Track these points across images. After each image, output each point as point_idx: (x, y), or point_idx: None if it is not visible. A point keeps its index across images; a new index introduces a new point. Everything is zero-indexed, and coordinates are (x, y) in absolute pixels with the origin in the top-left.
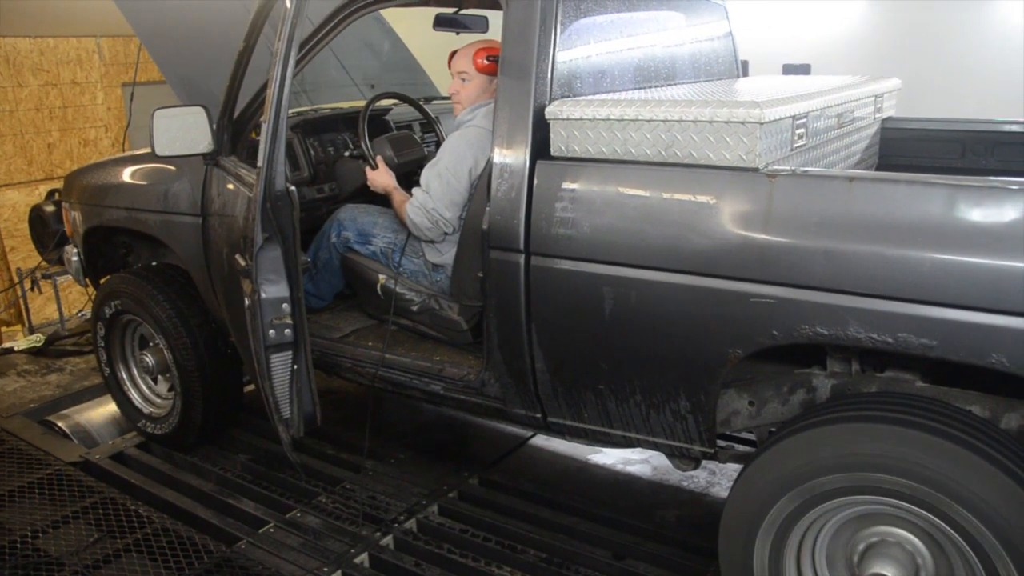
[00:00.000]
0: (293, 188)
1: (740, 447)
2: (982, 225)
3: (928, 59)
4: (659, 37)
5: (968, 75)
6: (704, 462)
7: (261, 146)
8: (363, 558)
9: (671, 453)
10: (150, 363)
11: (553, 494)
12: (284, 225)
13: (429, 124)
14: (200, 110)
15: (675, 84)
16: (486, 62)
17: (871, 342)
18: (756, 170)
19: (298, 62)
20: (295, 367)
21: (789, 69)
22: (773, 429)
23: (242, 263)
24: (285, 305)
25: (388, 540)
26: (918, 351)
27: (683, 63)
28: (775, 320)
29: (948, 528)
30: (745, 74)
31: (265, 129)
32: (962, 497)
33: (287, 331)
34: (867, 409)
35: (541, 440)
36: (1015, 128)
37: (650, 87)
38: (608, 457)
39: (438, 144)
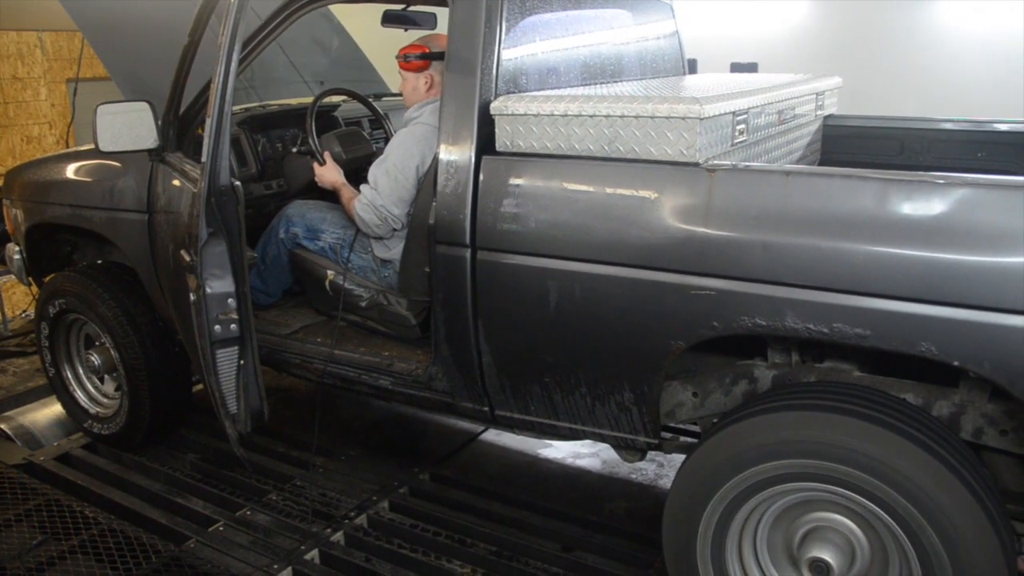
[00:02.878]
0: (238, 183)
1: (685, 438)
2: (912, 218)
3: (871, 58)
4: (605, 35)
5: (908, 74)
6: (652, 454)
7: (205, 141)
8: (313, 554)
9: (617, 444)
10: (96, 362)
11: (503, 488)
12: (229, 220)
13: (378, 120)
14: (145, 106)
15: (622, 81)
16: (402, 60)
17: (808, 332)
18: (696, 165)
19: (245, 57)
20: (242, 362)
21: (737, 67)
22: (716, 420)
23: (187, 259)
24: (231, 300)
25: (339, 536)
26: (852, 340)
27: (630, 60)
28: (716, 312)
29: (882, 513)
30: (693, 72)
31: (209, 124)
32: (895, 482)
33: (233, 326)
34: (805, 398)
35: (492, 435)
36: (950, 126)
37: (597, 84)
38: (558, 451)
39: (387, 140)
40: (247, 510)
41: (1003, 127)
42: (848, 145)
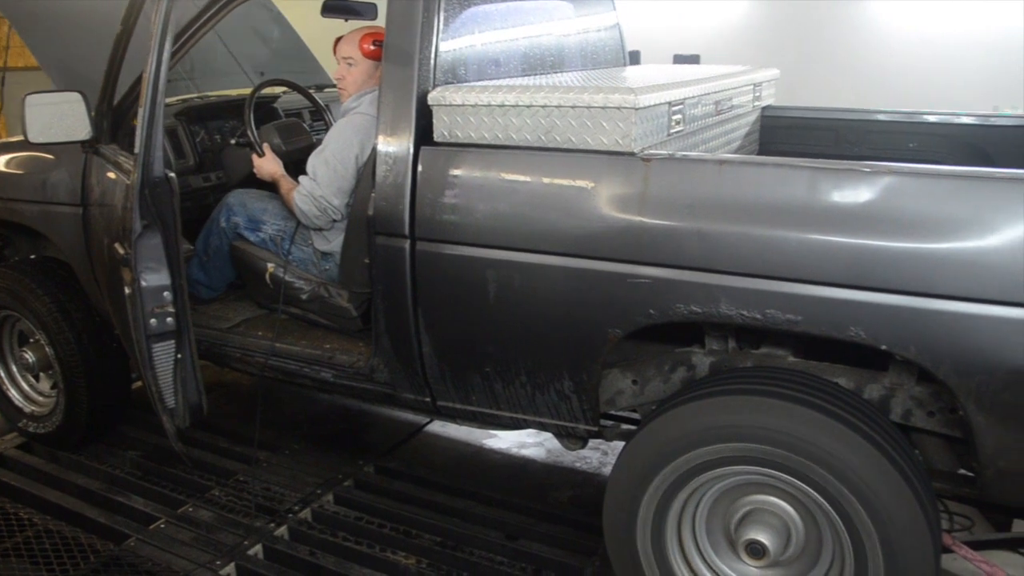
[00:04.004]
0: (173, 175)
1: (626, 425)
2: (840, 206)
3: (810, 52)
4: (546, 26)
5: (844, 67)
6: (596, 443)
7: (138, 132)
8: (257, 549)
9: (558, 433)
10: (30, 360)
11: (448, 479)
12: (164, 213)
13: (319, 112)
14: (77, 96)
15: (562, 72)
16: (372, 47)
17: (741, 318)
18: (632, 154)
19: (182, 46)
20: (179, 356)
21: (679, 59)
22: (655, 407)
23: (121, 251)
24: (166, 293)
25: (283, 530)
26: (784, 326)
27: (570, 52)
28: (651, 300)
29: (816, 494)
30: (636, 64)
31: (142, 114)
32: (827, 464)
33: (169, 320)
34: (741, 383)
35: (437, 427)
36: (883, 117)
37: (537, 75)
38: (503, 441)
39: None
40: (189, 506)
41: (932, 118)
42: (786, 135)
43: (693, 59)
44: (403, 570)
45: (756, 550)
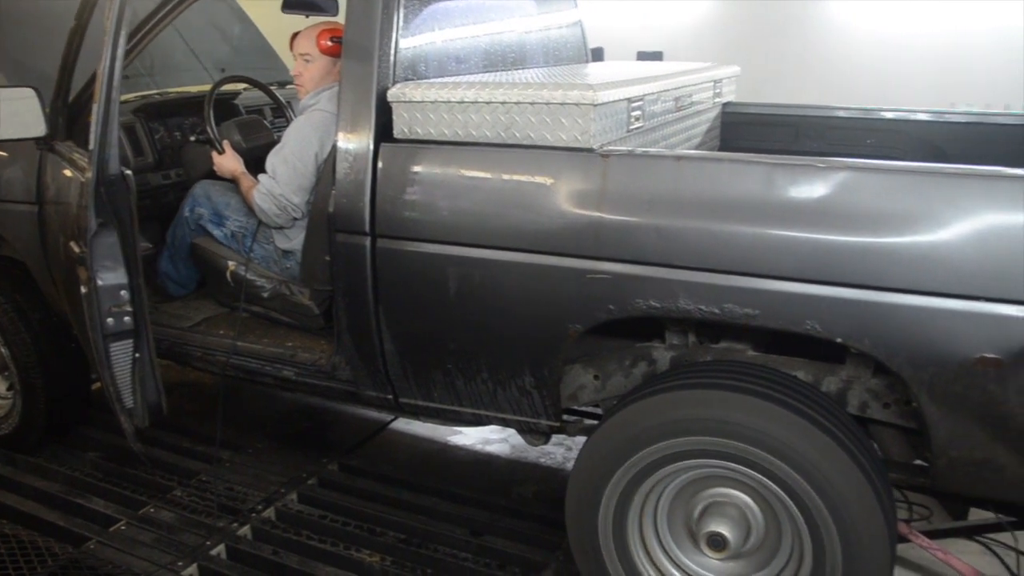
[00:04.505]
0: (129, 172)
1: (588, 420)
2: (796, 201)
3: (773, 49)
4: (507, 23)
5: (806, 65)
6: (561, 438)
7: (92, 128)
8: (220, 549)
9: (521, 429)
10: None
11: (413, 476)
12: (121, 210)
13: (280, 109)
14: (31, 92)
15: (524, 69)
16: (330, 43)
17: (700, 313)
18: (591, 150)
19: (139, 42)
20: (137, 355)
21: (643, 56)
22: (617, 402)
23: (77, 250)
24: (123, 292)
25: (246, 530)
26: (742, 320)
27: (532, 49)
28: (611, 295)
29: (775, 486)
30: (599, 60)
31: (96, 110)
32: (786, 456)
33: (126, 319)
34: (701, 377)
35: (401, 424)
36: (842, 114)
37: (498, 71)
38: (467, 438)
39: None
40: (151, 507)
41: (889, 115)
42: (746, 132)
43: (656, 56)
44: (367, 568)
45: (717, 542)
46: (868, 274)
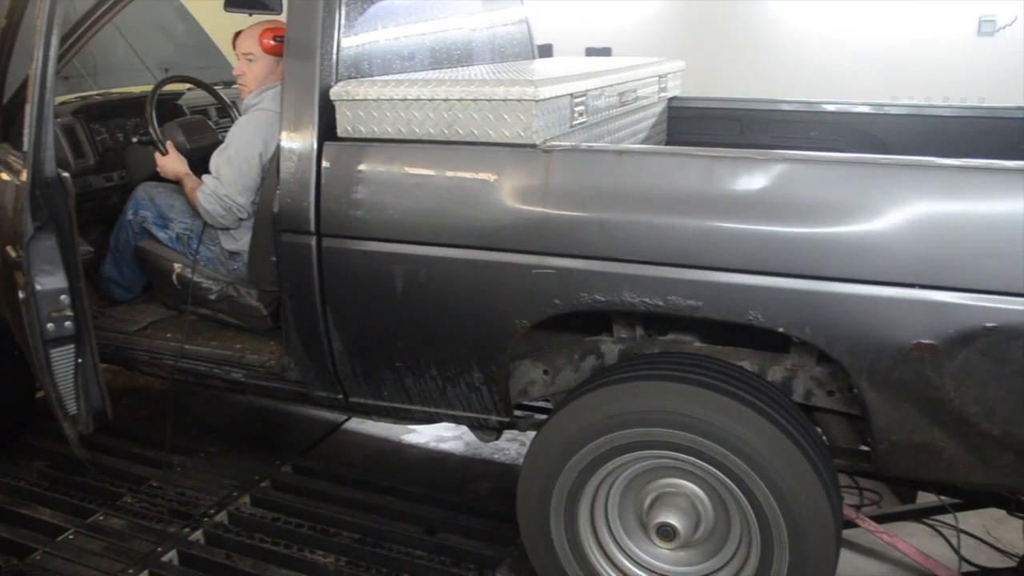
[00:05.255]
0: (66, 175)
1: (539, 416)
2: (736, 193)
3: (721, 45)
4: (453, 20)
5: (752, 60)
6: (515, 434)
7: (26, 130)
8: (172, 555)
9: (471, 425)
10: None
11: (367, 476)
12: (59, 213)
13: (225, 109)
14: None
15: (470, 66)
16: (273, 42)
17: (645, 306)
18: (534, 146)
19: (76, 41)
20: (79, 361)
21: (591, 52)
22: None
23: (13, 255)
24: (63, 297)
25: (198, 535)
26: (686, 312)
27: (478, 46)
28: (556, 290)
29: (722, 475)
30: (548, 57)
31: (29, 112)
32: (732, 445)
33: (67, 324)
34: (648, 369)
35: (355, 424)
36: (786, 107)
37: (444, 69)
38: (421, 436)
39: None
40: (100, 515)
41: (831, 108)
42: (692, 126)
43: (605, 52)
44: (322, 569)
45: (667, 532)
46: (807, 264)
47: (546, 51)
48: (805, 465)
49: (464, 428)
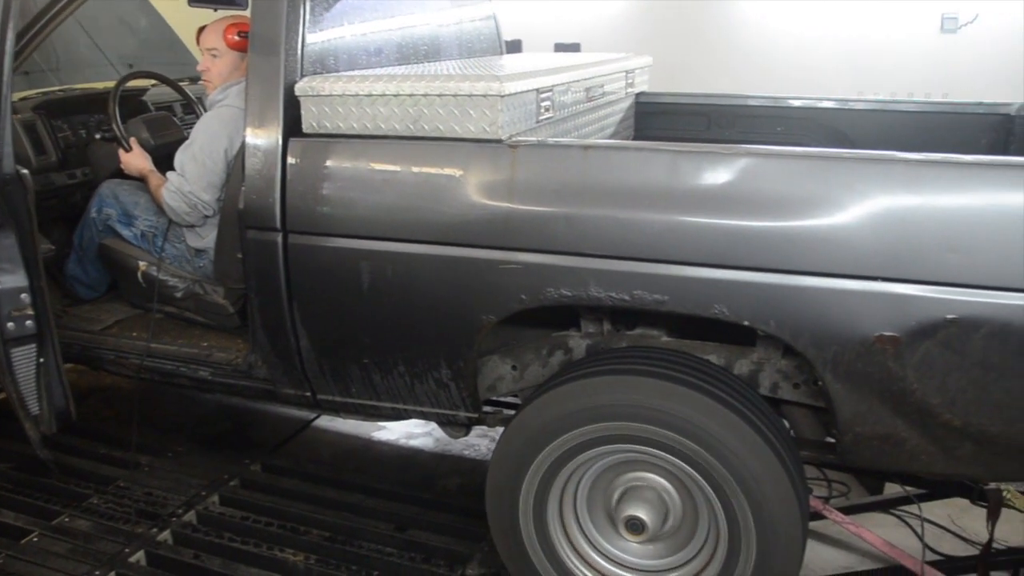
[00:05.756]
0: (25, 172)
1: (508, 411)
2: (700, 187)
3: (689, 41)
4: (420, 16)
5: (721, 56)
6: (484, 429)
7: None
8: (139, 556)
9: (440, 421)
10: None
11: (337, 473)
12: (18, 210)
13: (190, 105)
14: None
15: (437, 61)
16: (237, 38)
17: (611, 300)
18: (499, 141)
19: (35, 36)
20: (41, 360)
21: (560, 47)
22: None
23: None
24: (24, 296)
25: (166, 535)
26: (652, 306)
27: (446, 41)
28: (523, 285)
29: (690, 469)
30: (517, 52)
31: None
32: (700, 439)
33: (28, 323)
34: (615, 363)
35: (325, 421)
36: (753, 102)
37: (411, 64)
38: (391, 433)
39: None
40: (65, 517)
41: (797, 103)
42: (660, 121)
43: (574, 47)
44: (291, 567)
45: (636, 526)
46: (771, 257)
47: (515, 47)
48: (771, 457)
49: (434, 425)
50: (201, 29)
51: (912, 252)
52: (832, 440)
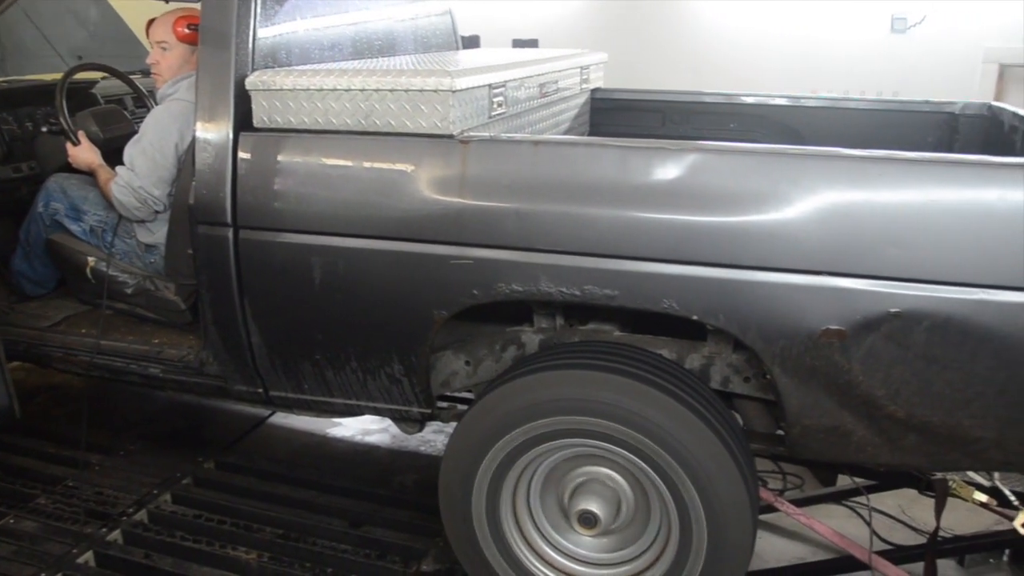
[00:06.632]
0: None
1: (461, 406)
2: (649, 182)
3: (647, 37)
4: (375, 11)
5: (678, 53)
6: (441, 425)
7: None
8: (87, 557)
9: (393, 417)
10: None
11: (292, 470)
12: None
13: (141, 98)
14: None
15: (392, 56)
16: (187, 30)
17: (561, 296)
18: (451, 137)
19: None
20: None
21: (518, 43)
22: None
23: None
24: None
25: (116, 535)
26: (602, 301)
27: (401, 36)
28: (474, 280)
29: (641, 462)
30: (475, 47)
31: None
32: (650, 432)
33: None
34: (567, 358)
35: (280, 418)
36: (706, 99)
37: (365, 59)
38: (347, 429)
39: None
40: (10, 518)
41: (750, 100)
42: (615, 117)
43: (532, 43)
44: (244, 566)
45: (588, 520)
46: (719, 252)
47: (473, 42)
48: (722, 450)
49: (390, 420)
50: (151, 21)
51: (856, 247)
52: (782, 433)
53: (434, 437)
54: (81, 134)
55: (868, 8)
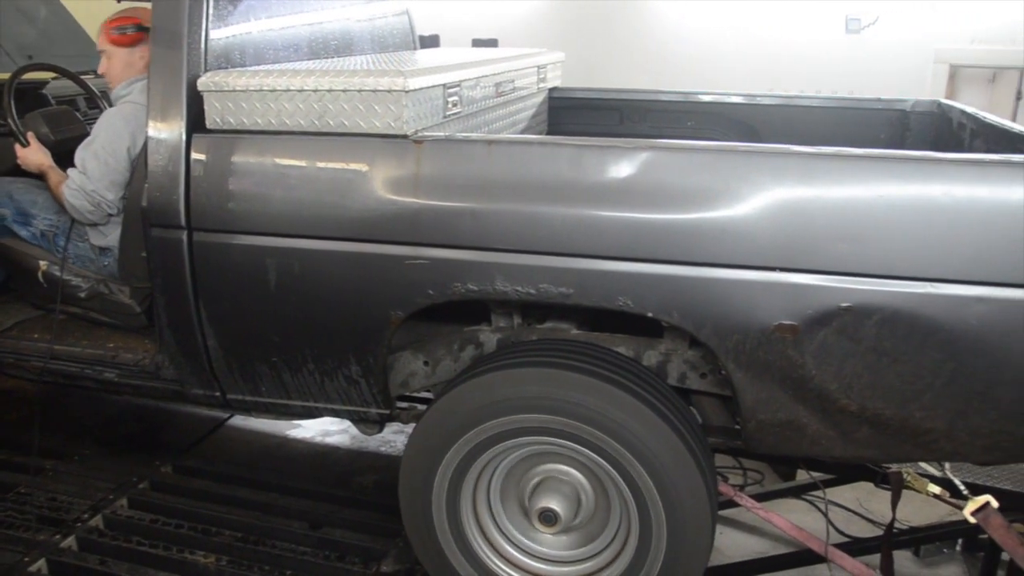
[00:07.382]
0: None
1: (420, 407)
2: (603, 181)
3: (607, 37)
4: (331, 11)
5: (639, 52)
6: (401, 426)
7: None
8: (40, 565)
9: (352, 418)
10: None
11: (251, 473)
12: None
13: (93, 99)
14: None
15: (348, 56)
16: (116, 34)
17: (517, 294)
18: (404, 137)
19: None
20: None
21: (478, 43)
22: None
23: None
24: None
25: (70, 541)
26: (558, 299)
27: (358, 36)
28: (430, 280)
29: (600, 459)
30: (435, 47)
31: None
32: (608, 429)
33: None
34: (524, 356)
35: (239, 420)
36: (664, 97)
37: (321, 60)
38: (307, 431)
39: None
40: None
41: (707, 98)
42: (573, 116)
43: (492, 43)
44: (202, 570)
45: (548, 517)
46: (672, 249)
47: (432, 41)
48: (680, 446)
49: (350, 422)
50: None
51: (807, 242)
52: (739, 428)
53: (394, 438)
54: (31, 135)
55: (823, 9)
